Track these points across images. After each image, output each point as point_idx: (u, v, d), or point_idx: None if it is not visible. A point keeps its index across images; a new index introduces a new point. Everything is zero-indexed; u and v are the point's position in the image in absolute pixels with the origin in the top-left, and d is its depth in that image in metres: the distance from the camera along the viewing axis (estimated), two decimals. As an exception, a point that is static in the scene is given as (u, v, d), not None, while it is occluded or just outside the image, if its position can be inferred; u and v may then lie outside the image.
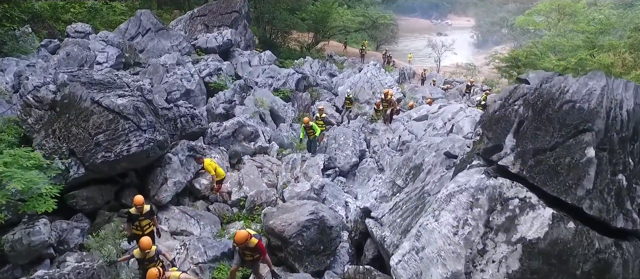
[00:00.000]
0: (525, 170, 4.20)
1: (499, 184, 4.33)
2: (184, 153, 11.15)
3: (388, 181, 8.20)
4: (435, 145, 7.79)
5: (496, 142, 4.74)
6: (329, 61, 33.84)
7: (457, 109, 15.16)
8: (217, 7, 25.33)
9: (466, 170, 4.91)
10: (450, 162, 6.92)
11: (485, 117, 5.25)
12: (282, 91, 18.36)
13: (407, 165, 8.01)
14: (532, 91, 4.59)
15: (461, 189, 4.53)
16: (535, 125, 4.29)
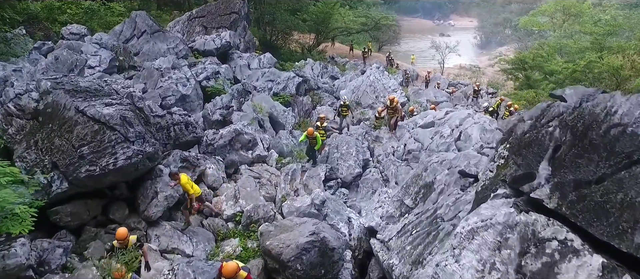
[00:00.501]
0: (564, 206, 3.52)
1: (532, 221, 3.66)
2: (177, 164, 10.49)
3: (395, 200, 7.52)
4: (447, 162, 7.11)
5: (527, 169, 4.07)
6: (331, 63, 33.16)
7: (465, 115, 14.48)
8: (215, 9, 24.69)
9: (490, 200, 4.24)
10: (466, 182, 6.25)
11: (513, 139, 4.57)
12: (282, 96, 17.69)
13: (416, 183, 7.33)
14: (570, 111, 3.91)
15: (486, 225, 3.86)
16: (576, 152, 3.62)
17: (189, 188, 9.06)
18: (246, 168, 12.32)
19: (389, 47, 52.51)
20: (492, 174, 4.73)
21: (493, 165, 4.77)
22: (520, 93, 24.38)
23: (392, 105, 14.83)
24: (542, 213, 3.71)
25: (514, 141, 4.58)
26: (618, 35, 31.99)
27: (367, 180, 11.84)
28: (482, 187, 4.80)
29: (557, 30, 51.58)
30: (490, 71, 44.63)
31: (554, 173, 3.78)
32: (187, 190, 9.06)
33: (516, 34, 60.33)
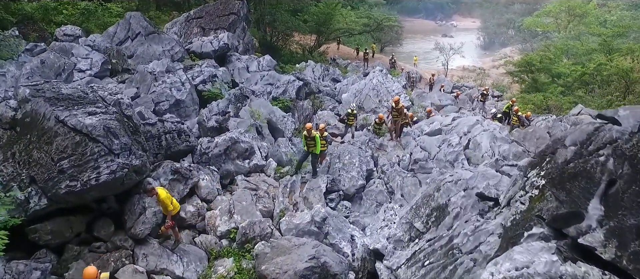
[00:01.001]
0: (625, 259, 2.82)
1: (582, 274, 2.96)
2: (167, 176, 9.79)
3: (404, 222, 6.82)
4: (463, 182, 6.41)
5: (572, 207, 3.37)
6: (332, 65, 32.46)
7: (473, 122, 13.76)
8: (214, 9, 24.01)
9: (524, 241, 3.55)
10: (485, 206, 5.55)
11: (553, 168, 3.86)
12: (282, 100, 16.98)
13: (427, 204, 6.63)
14: (627, 137, 3.21)
15: (522, 275, 3.16)
16: (637, 189, 2.94)
17: (168, 204, 8.31)
18: (242, 179, 11.62)
19: (391, 48, 51.84)
20: (524, 207, 4.03)
21: (524, 196, 4.07)
22: (528, 97, 23.65)
23: (397, 107, 14.00)
24: (594, 264, 3.01)
25: (553, 170, 3.87)
26: (626, 37, 31.24)
27: (371, 192, 11.12)
28: (513, 223, 4.09)
29: (562, 31, 50.83)
30: (495, 73, 43.87)
31: (608, 215, 3.08)
32: (166, 206, 8.31)
33: (520, 35, 59.57)
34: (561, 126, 17.36)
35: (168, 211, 8.36)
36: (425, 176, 11.39)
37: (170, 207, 8.32)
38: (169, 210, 8.34)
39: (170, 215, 8.40)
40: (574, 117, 18.92)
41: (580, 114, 19.33)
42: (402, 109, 14.11)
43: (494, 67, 49.31)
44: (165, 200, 8.18)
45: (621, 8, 52.80)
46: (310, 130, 11.04)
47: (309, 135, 10.94)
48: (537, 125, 17.30)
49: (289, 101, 17.13)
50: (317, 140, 10.95)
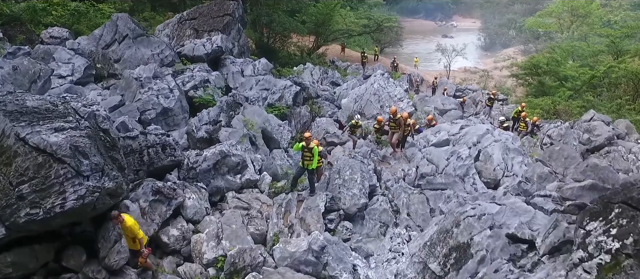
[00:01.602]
0: None
1: None
2: (148, 197, 8.79)
3: (416, 262, 5.85)
4: (488, 218, 5.44)
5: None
6: (332, 67, 31.48)
7: (483, 131, 12.79)
8: (208, 10, 23.00)
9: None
10: (517, 249, 4.60)
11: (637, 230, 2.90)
12: (278, 107, 15.99)
13: (445, 242, 5.66)
14: None
15: None
16: None
17: (137, 232, 7.31)
18: (234, 196, 10.63)
19: (391, 49, 50.87)
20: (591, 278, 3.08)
21: (589, 262, 3.10)
22: (535, 101, 22.71)
23: (395, 118, 12.80)
24: None
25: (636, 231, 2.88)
26: (634, 37, 30.33)
27: (374, 210, 10.13)
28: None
29: (565, 32, 49.95)
30: (497, 74, 42.91)
31: None
32: (135, 234, 7.30)
33: (521, 36, 58.67)
34: (574, 134, 16.41)
35: (138, 239, 7.36)
36: (434, 193, 10.40)
37: (139, 235, 7.32)
38: (139, 238, 7.33)
39: (142, 244, 7.40)
40: (586, 124, 17.97)
41: (592, 120, 18.39)
42: (401, 120, 12.83)
43: (496, 68, 48.34)
44: (131, 228, 7.18)
45: (625, 8, 51.98)
46: (310, 139, 9.99)
47: (308, 146, 9.90)
48: (548, 132, 16.33)
49: (286, 108, 16.13)
50: (315, 153, 9.90)
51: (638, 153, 16.72)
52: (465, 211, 5.88)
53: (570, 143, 15.77)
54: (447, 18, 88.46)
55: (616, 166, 15.76)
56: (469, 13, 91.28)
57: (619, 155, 16.18)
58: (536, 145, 15.75)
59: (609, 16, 51.73)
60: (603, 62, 28.31)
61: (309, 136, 10.05)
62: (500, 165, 11.56)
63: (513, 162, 11.58)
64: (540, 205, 5.48)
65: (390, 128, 13.16)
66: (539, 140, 15.98)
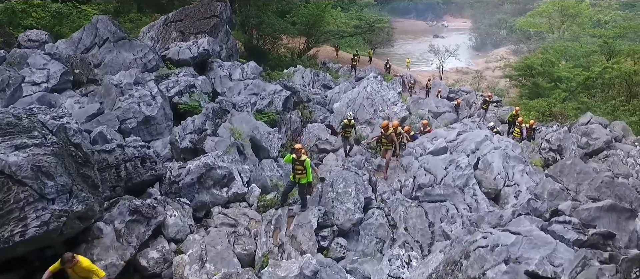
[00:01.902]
0: None
1: None
2: (124, 218, 8.06)
3: (420, 296, 5.26)
4: (503, 250, 4.85)
5: None
6: (323, 69, 30.86)
7: (481, 138, 12.25)
8: (194, 12, 22.22)
9: None
10: (538, 288, 4.06)
11: None
12: (267, 113, 15.30)
13: (453, 276, 5.05)
14: None
15: None
16: None
17: (95, 271, 6.44)
18: (220, 211, 9.93)
19: (382, 50, 50.45)
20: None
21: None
22: (530, 103, 22.35)
23: (386, 133, 11.56)
24: None
25: None
26: (626, 37, 30.22)
27: (370, 225, 9.52)
28: None
29: (555, 32, 50.00)
30: (489, 74, 42.72)
31: None
32: (91, 275, 6.44)
33: (512, 36, 58.68)
34: (572, 138, 16.00)
35: None
36: (433, 206, 9.83)
37: (100, 275, 6.47)
38: None
39: None
40: (584, 127, 17.60)
41: (590, 123, 18.02)
42: (394, 136, 11.66)
43: (488, 68, 48.21)
44: (89, 268, 6.37)
45: (614, 8, 52.23)
46: (301, 151, 9.29)
47: (298, 159, 9.22)
48: (546, 136, 15.89)
49: (275, 114, 15.46)
50: (307, 166, 9.23)
51: (636, 156, 16.38)
52: (476, 240, 5.29)
53: (569, 147, 15.35)
54: (438, 18, 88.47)
55: (616, 171, 15.40)
56: (459, 13, 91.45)
57: (617, 159, 15.82)
58: (535, 150, 15.28)
59: (598, 16, 51.98)
60: (596, 63, 28.14)
61: (299, 147, 9.37)
62: (501, 174, 11.03)
63: (514, 171, 11.06)
64: (560, 233, 4.91)
65: (382, 145, 12.01)
66: (538, 145, 15.52)
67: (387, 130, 11.54)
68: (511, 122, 18.14)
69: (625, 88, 25.17)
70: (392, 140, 11.48)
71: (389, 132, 11.55)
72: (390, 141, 11.55)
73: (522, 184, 10.74)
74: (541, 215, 6.65)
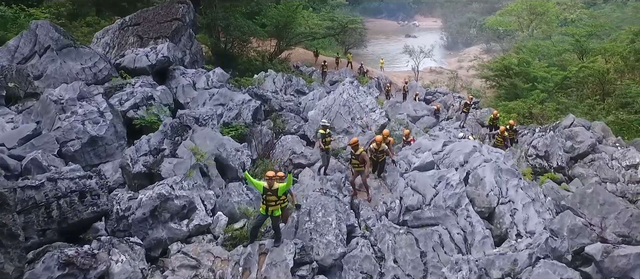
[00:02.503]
0: None
1: None
2: (52, 274, 6.48)
3: None
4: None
5: None
6: (296, 73, 29.53)
7: (469, 149, 11.29)
8: (153, 15, 20.43)
9: None
10: None
11: None
12: (235, 126, 13.85)
13: None
14: None
15: None
16: None
17: None
18: (179, 249, 8.47)
19: (355, 51, 49.62)
20: None
21: None
22: (509, 104, 21.81)
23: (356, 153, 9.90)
24: None
25: None
26: (598, 36, 30.46)
27: (354, 258, 8.30)
28: None
29: (525, 30, 50.65)
30: (463, 74, 42.58)
31: None
32: None
33: (482, 34, 59.20)
34: (558, 143, 15.35)
35: None
36: (423, 233, 8.71)
37: None
38: None
39: None
40: (568, 130, 17.04)
41: (573, 125, 17.51)
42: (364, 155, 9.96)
43: (461, 67, 48.22)
44: None
45: (579, 6, 53.41)
46: (274, 179, 7.97)
47: (270, 188, 7.89)
48: (533, 142, 15.16)
49: (244, 127, 14.00)
50: (281, 189, 7.89)
51: (620, 158, 15.90)
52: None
53: (555, 153, 14.67)
54: (409, 18, 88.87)
55: (603, 176, 14.84)
56: (429, 12, 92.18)
57: (603, 163, 15.28)
58: (522, 157, 14.51)
59: (565, 14, 53.08)
60: (569, 61, 28.14)
61: (272, 176, 8.04)
62: (494, 190, 10.06)
63: (507, 186, 10.12)
64: (582, 270, 3.89)
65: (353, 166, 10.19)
66: (523, 151, 14.76)
67: (357, 148, 9.93)
68: (492, 125, 17.37)
69: (598, 86, 25.13)
70: (363, 160, 9.91)
71: (358, 152, 9.88)
72: (362, 161, 9.90)
73: (518, 201, 9.81)
74: (561, 256, 5.65)
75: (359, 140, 10.49)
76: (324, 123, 11.66)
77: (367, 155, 10.27)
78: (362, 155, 9.84)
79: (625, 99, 22.27)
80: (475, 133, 20.06)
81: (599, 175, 14.75)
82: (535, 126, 19.02)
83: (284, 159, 14.05)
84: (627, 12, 42.46)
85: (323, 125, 11.44)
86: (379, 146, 10.33)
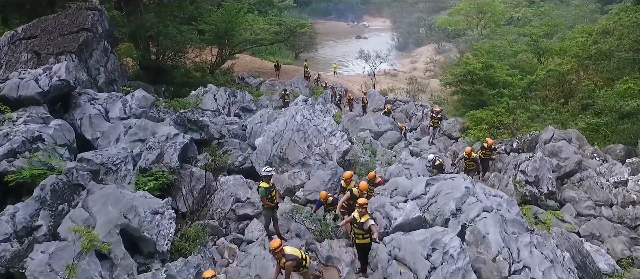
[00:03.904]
0: None
1: None
2: None
3: None
4: None
5: None
6: (241, 86, 26.25)
7: (461, 191, 8.83)
8: (55, 25, 16.39)
9: None
10: None
11: None
12: (155, 173, 10.44)
13: None
14: None
15: None
16: None
17: None
18: None
19: (306, 55, 47.03)
20: None
21: None
22: (476, 114, 20.00)
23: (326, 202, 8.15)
24: None
25: None
26: (553, 36, 29.91)
27: None
28: None
29: (474, 29, 50.61)
30: (417, 75, 41.22)
31: None
32: None
33: (432, 34, 58.85)
34: (547, 165, 13.44)
35: None
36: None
37: None
38: None
39: None
40: (551, 145, 15.31)
41: (553, 139, 15.85)
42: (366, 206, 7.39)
43: (415, 69, 47.04)
44: None
45: (523, 5, 54.39)
46: None
47: None
48: (521, 167, 13.10)
49: (169, 173, 10.62)
50: None
51: (607, 174, 14.35)
52: None
53: (545, 177, 12.71)
54: (358, 18, 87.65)
55: (595, 198, 13.09)
56: (378, 12, 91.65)
57: (593, 183, 13.58)
58: (508, 185, 12.39)
59: (510, 13, 53.80)
60: (528, 62, 27.20)
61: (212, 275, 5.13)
62: (502, 252, 7.63)
63: (518, 244, 7.74)
64: None
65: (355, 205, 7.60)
66: (511, 177, 12.65)
67: (327, 200, 7.89)
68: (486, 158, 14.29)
69: (558, 88, 24.20)
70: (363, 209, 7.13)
71: (364, 206, 7.23)
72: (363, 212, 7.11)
73: (535, 266, 7.45)
74: None
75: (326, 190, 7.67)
76: (266, 173, 8.70)
77: None
78: None
79: (587, 101, 21.32)
80: (446, 151, 17.96)
81: (591, 197, 13.03)
82: (510, 139, 17.25)
83: (225, 210, 10.90)
84: (570, 10, 43.22)
85: (265, 176, 8.55)
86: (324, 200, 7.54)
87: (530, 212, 11.01)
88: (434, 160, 13.29)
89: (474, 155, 12.76)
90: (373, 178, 10.31)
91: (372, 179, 10.28)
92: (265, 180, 8.57)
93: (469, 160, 12.84)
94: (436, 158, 13.48)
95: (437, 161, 13.26)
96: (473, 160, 12.79)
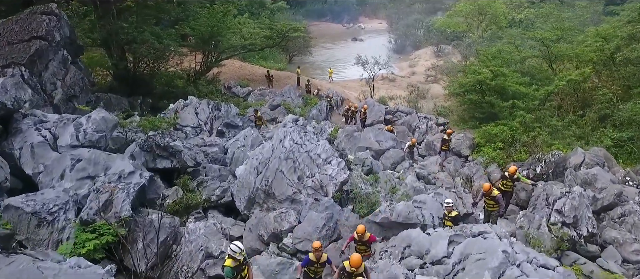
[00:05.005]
0: None
1: None
2: None
3: None
4: None
5: None
6: (226, 97, 23.97)
7: (498, 256, 6.62)
8: (2, 32, 14.06)
9: None
10: None
11: None
12: (100, 227, 8.12)
13: None
14: None
15: None
16: None
17: None
18: None
19: (300, 58, 44.80)
20: None
21: None
22: (488, 129, 17.84)
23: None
24: None
25: None
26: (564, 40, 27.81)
27: None
28: None
29: (474, 32, 48.60)
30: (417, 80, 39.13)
31: None
32: None
33: (431, 36, 56.76)
34: (586, 201, 11.27)
35: None
36: None
37: None
38: None
39: None
40: (584, 173, 13.18)
41: (584, 163, 13.72)
42: None
43: (414, 73, 44.89)
44: None
45: (526, 6, 52.44)
46: None
47: None
48: (556, 206, 10.89)
49: (119, 226, 8.33)
50: None
51: (648, 206, 12.23)
52: None
53: (584, 216, 10.54)
54: (354, 20, 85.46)
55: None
56: (374, 14, 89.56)
57: (637, 219, 11.42)
58: (541, 227, 10.19)
59: (512, 14, 51.80)
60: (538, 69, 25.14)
61: None
62: None
63: None
64: None
65: None
66: (544, 217, 10.43)
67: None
68: (507, 191, 11.84)
69: (574, 97, 22.13)
70: None
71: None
72: None
73: None
74: None
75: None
76: (233, 249, 6.48)
77: None
78: None
79: (605, 112, 19.28)
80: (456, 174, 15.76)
81: (637, 238, 10.87)
82: (532, 162, 15.05)
83: (193, 269, 8.61)
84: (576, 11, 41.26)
85: (233, 253, 6.36)
86: None
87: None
88: (450, 208, 10.17)
89: (495, 193, 10.41)
90: (362, 232, 7.99)
91: (361, 233, 7.98)
92: (233, 256, 6.35)
93: (490, 196, 10.47)
94: (453, 207, 10.27)
95: (453, 212, 10.24)
96: (493, 198, 10.42)
